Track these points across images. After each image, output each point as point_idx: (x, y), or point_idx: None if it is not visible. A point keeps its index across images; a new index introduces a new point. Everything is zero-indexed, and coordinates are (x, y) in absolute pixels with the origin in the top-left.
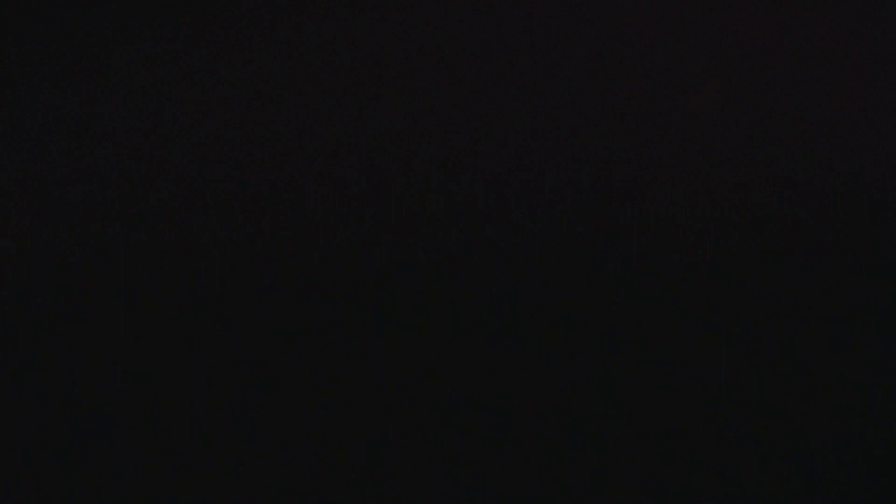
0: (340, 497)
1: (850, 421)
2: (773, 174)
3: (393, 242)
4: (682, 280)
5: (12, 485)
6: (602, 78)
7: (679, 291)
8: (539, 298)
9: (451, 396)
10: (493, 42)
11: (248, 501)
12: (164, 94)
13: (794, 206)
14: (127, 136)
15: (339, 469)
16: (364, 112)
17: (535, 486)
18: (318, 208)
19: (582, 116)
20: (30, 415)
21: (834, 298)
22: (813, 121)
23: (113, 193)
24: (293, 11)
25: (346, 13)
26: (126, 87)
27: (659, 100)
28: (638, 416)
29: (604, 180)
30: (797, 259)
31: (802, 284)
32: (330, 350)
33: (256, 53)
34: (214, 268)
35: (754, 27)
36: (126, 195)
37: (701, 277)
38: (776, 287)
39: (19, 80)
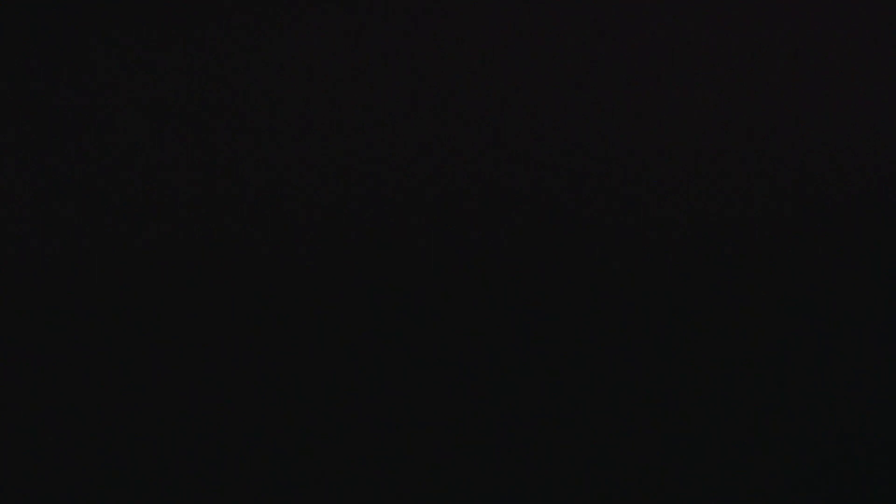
0: (340, 497)
1: (850, 421)
2: (772, 176)
3: (390, 244)
4: (681, 282)
5: (12, 485)
6: (600, 79)
7: (678, 293)
8: (537, 300)
9: (449, 398)
10: (491, 43)
11: (248, 501)
12: (163, 93)
13: (793, 207)
14: (126, 136)
15: (339, 470)
16: (363, 113)
17: (536, 486)
18: (316, 209)
19: (580, 118)
20: (30, 415)
21: (833, 299)
22: (813, 122)
23: (112, 193)
24: (293, 11)
25: (347, 13)
26: (125, 87)
27: (658, 101)
28: (638, 418)
29: (602, 182)
30: (797, 261)
31: (802, 286)
32: (328, 351)
33: (256, 53)
34: (213, 268)
35: (754, 27)
36: (125, 195)
37: (700, 279)
38: (775, 288)
39: (19, 79)
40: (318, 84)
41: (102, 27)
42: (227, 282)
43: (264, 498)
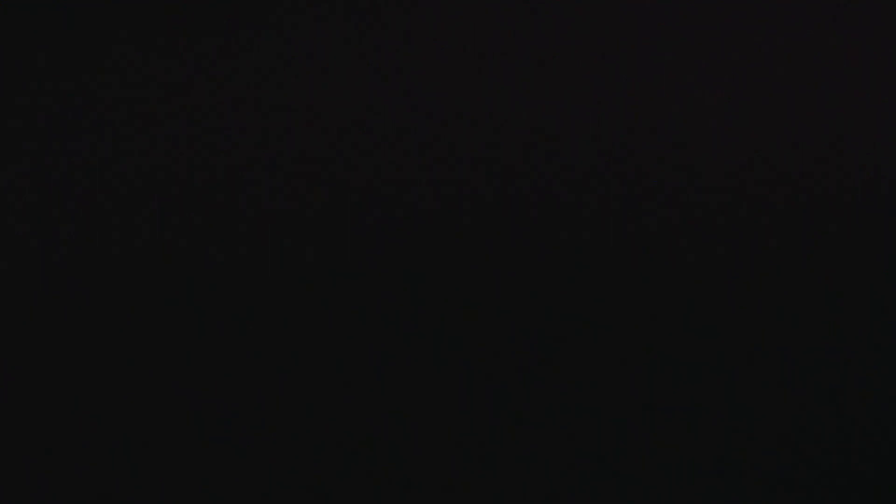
0: (340, 497)
1: (850, 421)
2: (772, 177)
3: (390, 245)
4: (681, 282)
5: (12, 485)
6: (600, 79)
7: (678, 293)
8: (538, 302)
9: (448, 401)
10: (491, 43)
11: (247, 501)
12: (163, 94)
13: (793, 208)
14: (126, 136)
15: (339, 470)
16: (362, 113)
17: (535, 486)
18: (316, 211)
19: (581, 118)
20: (29, 415)
21: (833, 300)
22: (813, 122)
23: (111, 194)
24: (293, 11)
25: (346, 13)
26: (126, 87)
27: (658, 100)
28: (640, 421)
29: (603, 182)
30: (796, 260)
31: (802, 286)
32: (328, 352)
33: (256, 53)
34: (212, 269)
35: (754, 27)
36: (125, 196)
37: (700, 279)
38: (774, 289)
39: (19, 79)
40: (318, 84)
41: (102, 27)
42: (226, 282)
43: (264, 498)
